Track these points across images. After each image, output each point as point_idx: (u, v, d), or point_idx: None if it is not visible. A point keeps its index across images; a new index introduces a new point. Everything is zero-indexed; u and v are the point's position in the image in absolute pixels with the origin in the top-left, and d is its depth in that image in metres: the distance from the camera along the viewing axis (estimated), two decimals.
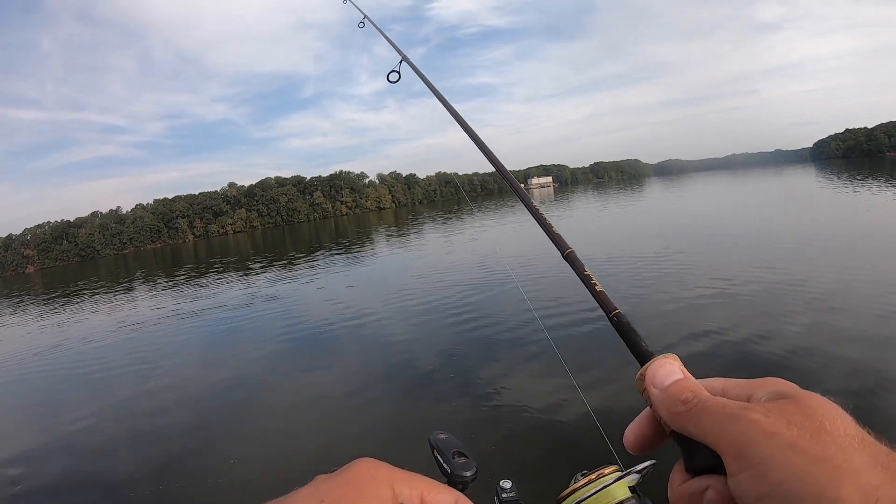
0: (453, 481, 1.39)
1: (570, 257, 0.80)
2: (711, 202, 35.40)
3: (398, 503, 0.50)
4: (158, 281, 30.22)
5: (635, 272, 12.38)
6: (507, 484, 1.48)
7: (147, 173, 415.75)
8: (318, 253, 31.95)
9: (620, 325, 0.65)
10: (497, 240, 25.46)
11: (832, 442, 0.41)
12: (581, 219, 32.82)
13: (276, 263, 28.87)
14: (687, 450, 0.52)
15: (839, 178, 48.18)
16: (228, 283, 23.01)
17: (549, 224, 0.88)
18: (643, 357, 0.59)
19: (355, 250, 30.46)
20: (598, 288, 0.71)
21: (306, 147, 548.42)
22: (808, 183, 46.61)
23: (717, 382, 0.53)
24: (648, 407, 0.56)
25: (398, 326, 10.50)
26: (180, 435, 6.80)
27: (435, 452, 1.52)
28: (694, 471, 0.50)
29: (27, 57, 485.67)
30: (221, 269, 31.07)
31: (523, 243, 20.38)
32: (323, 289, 17.30)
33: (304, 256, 30.77)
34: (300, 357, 9.64)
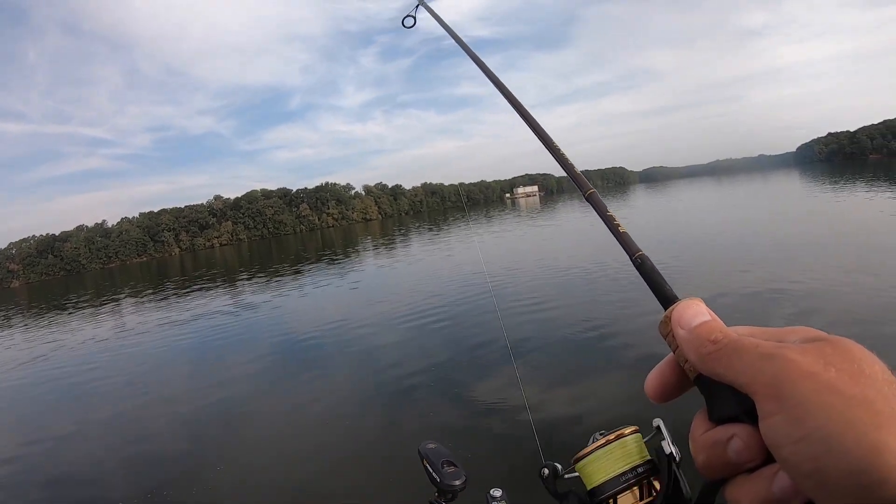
0: (443, 490, 1.74)
1: (591, 198, 0.77)
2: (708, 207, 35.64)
3: None
4: (145, 295, 30.30)
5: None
6: (497, 492, 1.80)
7: (133, 186, 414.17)
8: (304, 265, 32.18)
9: (644, 268, 0.63)
10: (483, 250, 25.72)
11: (871, 386, 0.39)
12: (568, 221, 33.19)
13: (262, 276, 29.07)
14: (711, 397, 0.50)
15: (824, 182, 48.44)
16: (215, 296, 23.12)
17: (571, 164, 0.86)
18: (668, 300, 0.57)
19: (341, 263, 30.61)
20: (622, 229, 0.68)
21: (293, 159, 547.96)
22: (796, 188, 46.68)
23: (743, 329, 0.50)
24: (672, 353, 0.55)
25: (385, 337, 10.60)
26: (167, 445, 6.93)
27: (424, 462, 1.92)
28: (717, 419, 0.49)
29: (12, 69, 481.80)
30: (208, 282, 31.15)
31: (508, 254, 21.02)
32: (309, 301, 17.50)
33: (290, 269, 30.99)
34: (286, 369, 9.72)
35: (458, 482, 1.80)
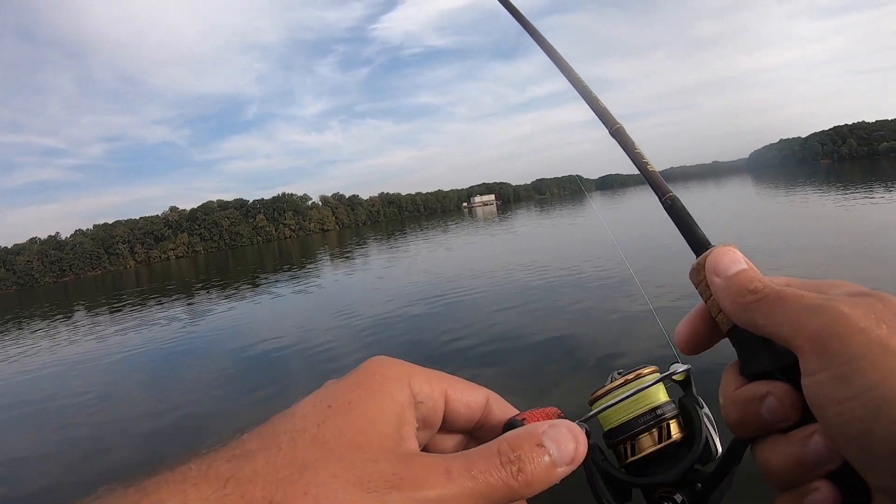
0: None
1: (617, 133, 0.72)
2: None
3: (417, 402, 0.45)
4: (100, 309, 29.94)
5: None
6: None
7: (87, 198, 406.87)
8: (261, 276, 32.53)
9: (675, 210, 0.58)
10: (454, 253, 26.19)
11: None
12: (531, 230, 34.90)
13: (219, 288, 29.28)
14: (745, 350, 0.47)
15: (778, 186, 48.56)
16: (172, 309, 22.98)
17: (595, 97, 0.79)
18: (700, 246, 0.53)
19: (299, 273, 30.68)
20: (651, 168, 0.65)
21: (249, 169, 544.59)
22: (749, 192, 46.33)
23: (780, 279, 0.47)
24: (703, 302, 0.51)
25: (345, 347, 10.39)
26: (126, 460, 6.75)
27: None
28: (751, 375, 0.47)
29: None
30: (164, 295, 31.10)
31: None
32: (267, 312, 17.17)
33: (247, 281, 31.35)
34: (249, 381, 9.49)
35: None
